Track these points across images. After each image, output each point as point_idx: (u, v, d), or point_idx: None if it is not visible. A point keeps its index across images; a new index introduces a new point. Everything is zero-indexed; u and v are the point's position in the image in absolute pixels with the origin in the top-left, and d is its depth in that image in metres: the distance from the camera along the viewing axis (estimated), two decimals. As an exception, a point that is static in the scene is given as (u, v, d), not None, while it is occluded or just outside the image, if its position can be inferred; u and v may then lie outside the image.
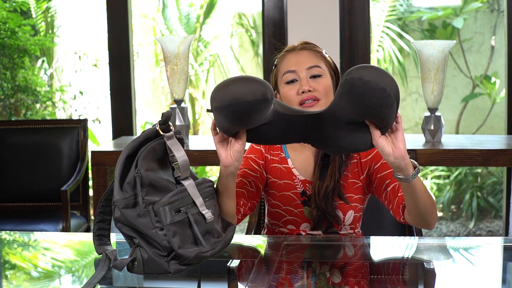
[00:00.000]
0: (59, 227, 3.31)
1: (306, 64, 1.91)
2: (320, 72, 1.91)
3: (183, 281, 1.60)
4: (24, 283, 1.64)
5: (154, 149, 1.55)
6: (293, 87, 1.91)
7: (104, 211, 1.60)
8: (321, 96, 1.89)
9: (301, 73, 1.91)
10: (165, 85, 5.77)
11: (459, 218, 5.22)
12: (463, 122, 5.47)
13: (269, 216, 2.03)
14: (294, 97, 1.89)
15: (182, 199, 1.53)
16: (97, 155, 3.28)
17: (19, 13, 4.71)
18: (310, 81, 1.90)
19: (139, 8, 5.82)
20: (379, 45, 5.48)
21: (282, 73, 1.93)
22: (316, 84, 1.89)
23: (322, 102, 1.89)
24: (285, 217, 1.98)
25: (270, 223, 2.03)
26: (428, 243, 1.89)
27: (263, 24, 3.84)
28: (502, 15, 5.30)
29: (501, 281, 1.62)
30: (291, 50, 1.97)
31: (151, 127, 1.59)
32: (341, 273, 1.67)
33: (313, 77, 1.91)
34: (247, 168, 1.97)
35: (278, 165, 1.98)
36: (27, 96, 4.69)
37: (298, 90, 1.89)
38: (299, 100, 1.89)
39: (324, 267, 1.71)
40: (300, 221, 1.97)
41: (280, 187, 1.98)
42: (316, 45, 1.98)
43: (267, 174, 1.99)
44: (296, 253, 1.83)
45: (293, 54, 1.95)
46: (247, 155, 2.00)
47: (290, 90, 1.91)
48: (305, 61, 1.92)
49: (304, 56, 1.93)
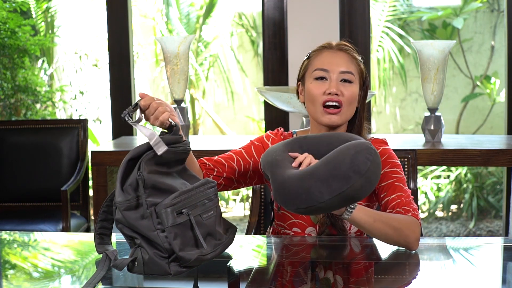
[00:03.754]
0: (59, 227, 3.31)
1: (340, 67, 1.89)
2: (351, 79, 1.90)
3: (183, 281, 1.60)
4: (24, 283, 1.64)
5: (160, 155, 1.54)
6: (322, 86, 1.89)
7: (108, 210, 1.60)
8: (345, 103, 1.88)
9: (333, 74, 1.89)
10: (165, 85, 5.77)
11: (459, 218, 5.22)
12: (463, 122, 5.47)
13: (276, 217, 2.02)
14: (320, 96, 1.88)
15: (185, 201, 1.53)
16: (97, 155, 3.28)
17: (19, 13, 4.71)
18: (339, 85, 1.88)
19: (139, 8, 5.82)
20: (379, 45, 5.48)
21: (314, 68, 1.91)
22: (345, 90, 1.88)
23: (344, 110, 1.88)
24: (291, 220, 1.98)
25: (277, 224, 2.02)
26: (428, 243, 1.89)
27: (263, 24, 3.84)
28: (502, 15, 5.30)
29: (501, 281, 1.62)
30: (328, 48, 1.93)
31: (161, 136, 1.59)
32: (341, 273, 1.67)
33: (343, 81, 1.89)
34: (245, 150, 1.98)
35: None
36: (27, 96, 4.69)
37: (326, 90, 1.88)
38: (323, 100, 1.88)
39: (325, 267, 1.71)
40: (306, 224, 1.96)
41: None
42: (354, 49, 1.95)
43: None
44: (296, 253, 1.83)
45: (330, 52, 1.92)
46: (253, 141, 2.01)
47: (317, 88, 1.89)
48: (340, 63, 1.90)
49: (340, 58, 1.91)
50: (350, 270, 1.69)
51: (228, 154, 1.98)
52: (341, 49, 1.92)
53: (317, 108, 1.90)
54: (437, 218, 5.24)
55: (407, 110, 5.60)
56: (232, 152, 1.99)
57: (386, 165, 1.90)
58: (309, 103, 1.92)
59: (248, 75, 5.82)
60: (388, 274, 1.67)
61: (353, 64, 1.91)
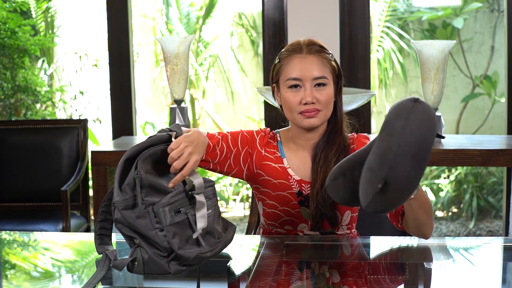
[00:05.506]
0: (59, 227, 3.31)
1: (313, 74, 1.89)
2: (325, 82, 1.90)
3: (183, 281, 1.60)
4: (24, 283, 1.64)
5: (156, 154, 1.55)
6: (297, 94, 1.90)
7: (107, 210, 1.60)
8: (323, 107, 1.89)
9: (306, 83, 1.89)
10: (165, 85, 5.77)
11: (459, 218, 5.22)
12: (463, 122, 5.47)
13: (265, 216, 2.02)
14: (296, 106, 1.90)
15: (182, 200, 1.53)
16: (97, 155, 3.28)
17: (19, 13, 4.71)
18: (314, 91, 1.89)
19: (139, 8, 5.82)
20: (379, 45, 5.48)
21: (287, 76, 1.91)
22: (320, 95, 1.89)
23: (323, 113, 1.90)
24: (282, 218, 1.98)
25: (267, 223, 2.02)
26: (428, 243, 1.89)
27: (263, 24, 3.84)
28: (502, 15, 5.30)
29: (501, 281, 1.62)
30: (298, 51, 1.92)
31: (158, 134, 1.59)
32: (340, 273, 1.67)
33: (317, 85, 1.90)
34: (232, 137, 1.96)
35: (273, 164, 1.97)
36: (27, 96, 4.69)
37: (302, 99, 1.89)
38: (300, 109, 1.89)
39: (323, 267, 1.71)
40: (297, 221, 1.97)
41: (275, 187, 1.97)
42: (323, 48, 1.94)
43: (256, 169, 1.98)
44: (296, 253, 1.83)
45: (300, 59, 1.91)
46: (243, 131, 1.99)
47: (292, 97, 1.90)
48: (312, 69, 1.89)
49: (311, 64, 1.90)
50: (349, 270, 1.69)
51: (216, 138, 1.94)
52: (311, 52, 1.92)
53: (295, 115, 1.91)
54: (437, 218, 5.24)
55: (407, 110, 5.58)
56: (221, 136, 1.96)
57: None
58: (287, 110, 1.93)
59: (248, 75, 5.82)
60: (387, 274, 1.67)
61: (325, 66, 1.91)
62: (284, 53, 1.96)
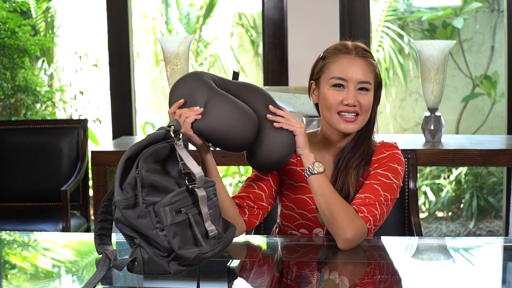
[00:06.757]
0: (59, 227, 3.31)
1: (359, 77, 1.87)
2: (368, 87, 1.88)
3: (183, 281, 1.60)
4: (24, 283, 1.64)
5: (157, 152, 1.54)
6: (339, 94, 1.87)
7: (107, 210, 1.60)
8: (363, 112, 1.88)
9: (351, 84, 1.87)
10: (165, 85, 5.77)
11: (459, 218, 5.22)
12: (463, 122, 5.47)
13: (282, 217, 2.01)
14: (337, 105, 1.87)
15: (183, 200, 1.53)
16: (97, 155, 3.28)
17: (19, 13, 4.71)
18: (357, 94, 1.87)
19: (139, 8, 5.82)
20: (379, 45, 5.48)
21: (331, 75, 1.88)
22: (362, 99, 1.87)
23: (361, 118, 1.88)
24: (298, 221, 1.97)
25: (283, 224, 2.02)
26: (428, 243, 1.89)
27: (263, 24, 3.84)
28: (502, 15, 5.30)
29: (501, 281, 1.62)
30: (346, 52, 1.90)
31: (157, 131, 1.59)
32: (339, 273, 1.67)
33: (361, 89, 1.88)
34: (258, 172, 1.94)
35: (295, 167, 1.97)
36: (27, 96, 4.69)
37: (343, 100, 1.87)
38: (340, 109, 1.87)
39: (324, 267, 1.71)
40: (313, 225, 1.96)
41: (296, 190, 1.96)
42: (371, 54, 1.93)
43: (281, 175, 1.97)
44: (296, 253, 1.83)
45: (348, 60, 1.89)
46: None
47: (334, 96, 1.87)
48: (358, 72, 1.87)
49: (358, 66, 1.88)
50: (351, 270, 1.69)
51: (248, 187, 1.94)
52: (359, 55, 1.90)
53: (332, 115, 1.89)
54: (437, 218, 5.24)
55: (407, 110, 5.60)
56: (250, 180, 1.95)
57: (381, 166, 1.89)
58: (325, 109, 1.90)
59: (248, 75, 5.82)
60: (389, 274, 1.67)
61: (370, 71, 1.89)
62: (331, 51, 1.93)
